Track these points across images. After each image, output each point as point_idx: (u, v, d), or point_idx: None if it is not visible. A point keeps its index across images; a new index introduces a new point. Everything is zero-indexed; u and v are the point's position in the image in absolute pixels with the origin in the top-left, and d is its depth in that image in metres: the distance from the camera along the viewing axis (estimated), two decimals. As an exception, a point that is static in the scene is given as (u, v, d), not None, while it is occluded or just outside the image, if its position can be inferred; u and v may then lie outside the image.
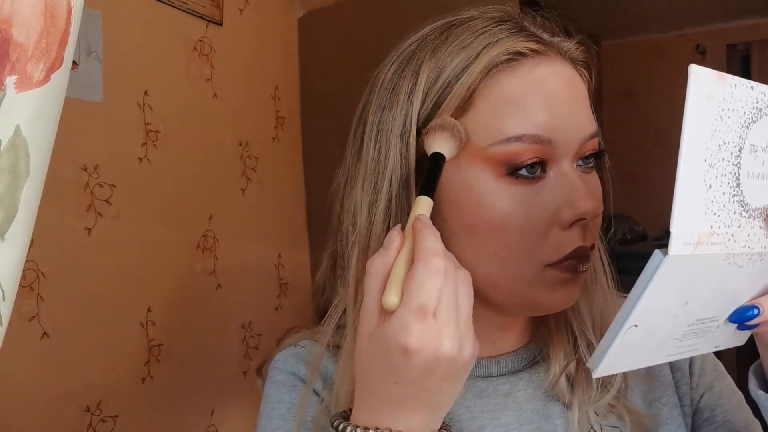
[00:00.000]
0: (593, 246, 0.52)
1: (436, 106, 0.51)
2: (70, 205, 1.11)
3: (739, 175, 0.38)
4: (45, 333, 1.06)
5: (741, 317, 0.45)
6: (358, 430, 0.44)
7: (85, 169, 1.14)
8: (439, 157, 0.49)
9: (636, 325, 0.39)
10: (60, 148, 0.42)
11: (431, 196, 0.48)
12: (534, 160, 0.49)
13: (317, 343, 0.58)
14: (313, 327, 0.62)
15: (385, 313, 0.43)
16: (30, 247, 0.39)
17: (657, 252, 0.37)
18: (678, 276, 0.38)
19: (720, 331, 0.45)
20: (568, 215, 0.49)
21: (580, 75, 0.55)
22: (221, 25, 1.46)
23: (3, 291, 0.36)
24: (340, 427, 0.45)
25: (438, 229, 0.48)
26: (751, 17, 2.76)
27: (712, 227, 0.37)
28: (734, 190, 0.38)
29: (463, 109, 0.51)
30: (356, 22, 1.67)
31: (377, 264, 0.44)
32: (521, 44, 0.50)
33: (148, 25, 1.28)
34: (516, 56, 0.50)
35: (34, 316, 1.04)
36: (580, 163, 0.52)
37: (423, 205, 0.47)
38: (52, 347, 1.07)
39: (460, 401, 0.56)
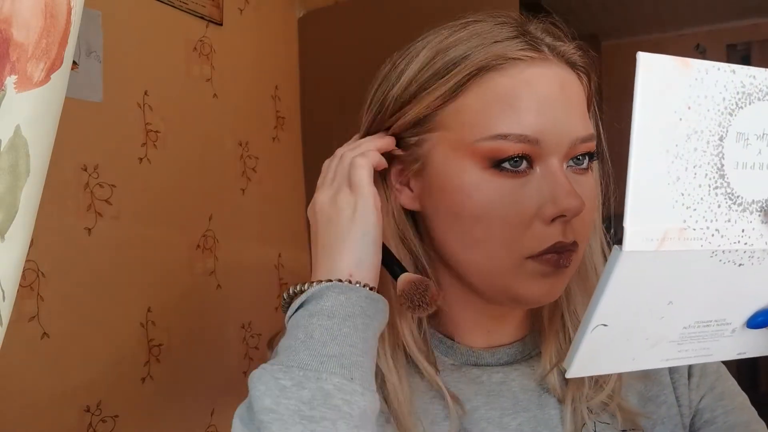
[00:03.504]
0: (575, 243, 0.53)
1: (422, 89, 0.54)
2: (70, 205, 1.11)
3: (722, 165, 0.35)
4: (45, 333, 1.06)
5: (762, 323, 0.41)
6: (291, 288, 0.54)
7: (85, 169, 1.14)
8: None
9: (605, 325, 0.37)
10: (60, 148, 0.42)
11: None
12: (518, 154, 0.51)
13: None
14: None
15: None
16: (30, 247, 0.39)
17: (615, 247, 0.34)
18: (645, 273, 0.35)
19: (738, 336, 0.42)
20: (549, 211, 0.51)
21: (579, 78, 0.56)
22: (221, 25, 1.46)
23: (3, 291, 0.36)
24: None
25: (429, 215, 0.57)
26: (751, 17, 2.75)
27: (685, 221, 0.34)
28: (716, 182, 0.35)
29: (446, 100, 0.54)
30: (356, 22, 1.67)
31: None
32: (515, 50, 0.52)
33: (148, 25, 1.28)
34: (509, 60, 0.52)
35: (34, 316, 1.04)
36: (572, 163, 0.54)
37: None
38: (52, 347, 1.07)
39: (453, 383, 0.58)
